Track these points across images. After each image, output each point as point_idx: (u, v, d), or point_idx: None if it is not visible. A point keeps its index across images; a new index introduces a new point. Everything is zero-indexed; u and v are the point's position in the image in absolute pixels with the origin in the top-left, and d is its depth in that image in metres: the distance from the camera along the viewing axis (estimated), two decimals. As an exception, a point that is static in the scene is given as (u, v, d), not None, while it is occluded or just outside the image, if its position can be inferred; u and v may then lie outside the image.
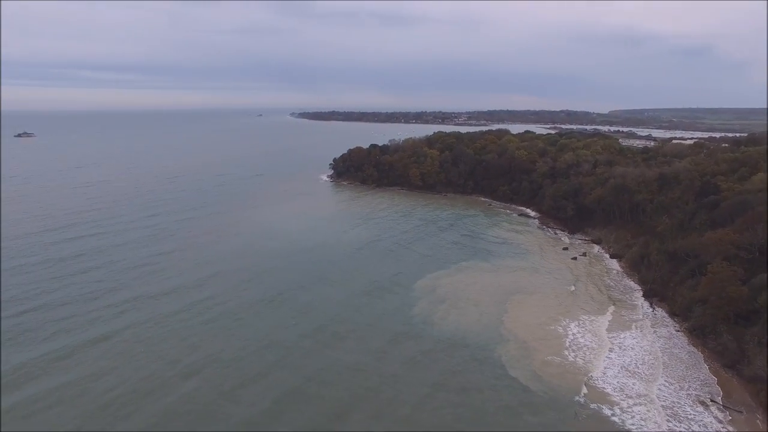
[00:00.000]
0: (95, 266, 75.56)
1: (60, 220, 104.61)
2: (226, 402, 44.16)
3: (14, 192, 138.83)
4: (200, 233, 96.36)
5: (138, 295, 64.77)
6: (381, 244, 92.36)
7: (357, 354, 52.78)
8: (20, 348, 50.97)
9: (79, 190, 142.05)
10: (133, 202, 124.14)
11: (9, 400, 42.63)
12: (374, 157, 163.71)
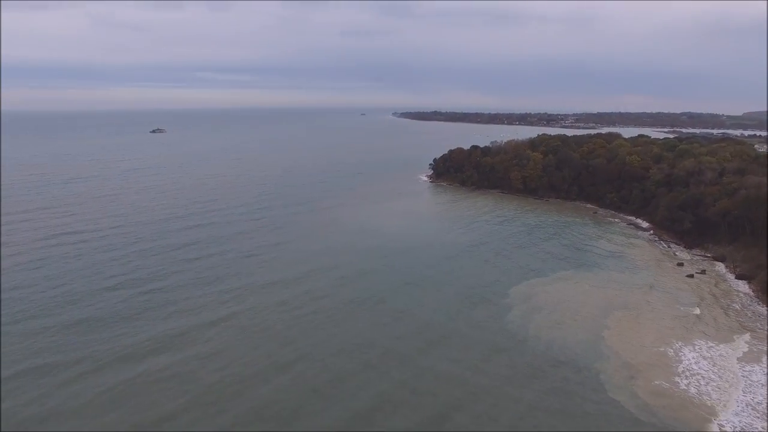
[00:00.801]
0: (209, 254, 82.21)
1: (183, 210, 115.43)
2: (316, 399, 45.25)
3: (148, 182, 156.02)
4: (304, 228, 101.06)
5: (244, 284, 69.41)
6: (480, 250, 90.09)
7: (450, 363, 51.65)
8: (144, 324, 56.83)
9: (200, 182, 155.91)
10: (245, 195, 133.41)
11: (133, 370, 47.66)
12: (475, 158, 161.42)
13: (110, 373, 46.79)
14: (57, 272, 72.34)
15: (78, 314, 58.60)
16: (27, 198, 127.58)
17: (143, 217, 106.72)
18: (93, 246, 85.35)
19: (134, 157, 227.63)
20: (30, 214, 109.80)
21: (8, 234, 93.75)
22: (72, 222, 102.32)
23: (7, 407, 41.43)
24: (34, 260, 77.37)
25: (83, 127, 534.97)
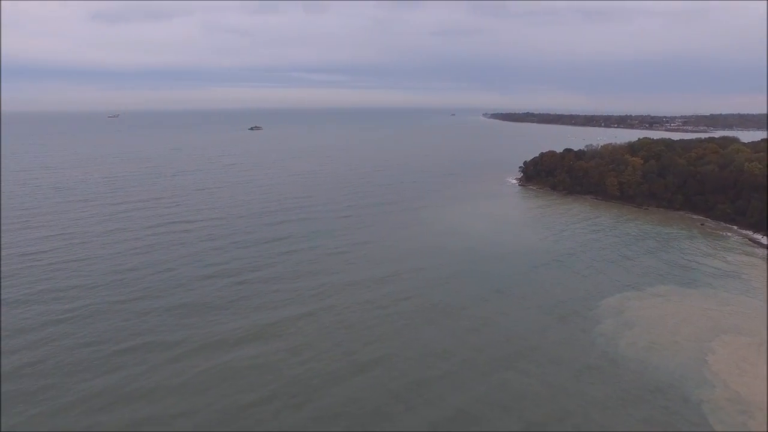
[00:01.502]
0: (298, 249, 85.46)
1: (276, 204, 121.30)
2: (394, 403, 45.04)
3: (245, 177, 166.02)
4: (393, 228, 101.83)
5: (331, 281, 71.25)
6: (571, 260, 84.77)
7: (534, 380, 49.08)
8: (235, 312, 60.22)
9: (293, 178, 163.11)
10: (335, 193, 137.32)
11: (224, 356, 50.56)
12: (568, 162, 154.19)
13: (204, 357, 50.13)
14: (164, 258, 78.85)
15: (179, 298, 63.46)
16: (142, 188, 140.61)
17: (239, 210, 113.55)
18: (195, 235, 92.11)
19: (233, 153, 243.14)
20: (144, 203, 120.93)
21: (126, 220, 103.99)
22: (178, 212, 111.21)
23: (119, 378, 45.82)
24: (146, 245, 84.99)
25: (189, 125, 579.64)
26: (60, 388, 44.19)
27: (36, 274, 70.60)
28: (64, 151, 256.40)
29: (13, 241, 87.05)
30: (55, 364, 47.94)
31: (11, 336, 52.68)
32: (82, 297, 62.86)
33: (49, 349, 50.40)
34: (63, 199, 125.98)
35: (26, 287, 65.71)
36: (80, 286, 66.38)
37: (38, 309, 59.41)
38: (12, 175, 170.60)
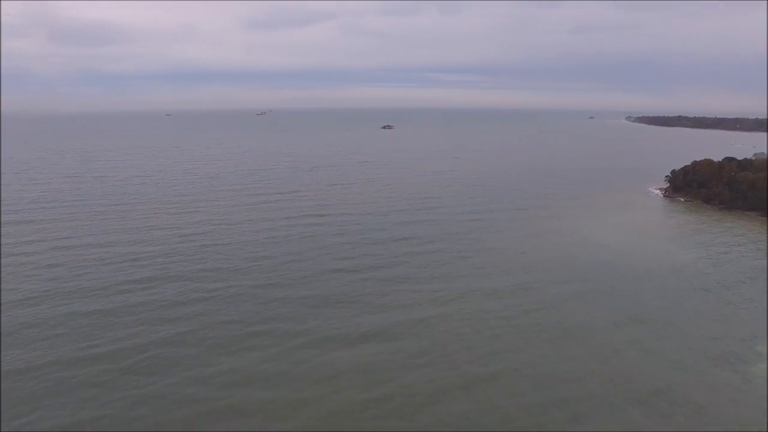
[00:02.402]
0: (424, 251, 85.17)
1: (404, 203, 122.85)
2: (503, 425, 42.01)
3: (375, 174, 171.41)
4: (522, 235, 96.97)
5: (456, 286, 69.50)
6: (733, 290, 71.96)
7: (672, 427, 42.29)
8: (359, 308, 61.75)
9: (421, 178, 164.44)
10: (463, 195, 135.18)
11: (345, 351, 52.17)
12: (728, 172, 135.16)
13: (325, 349, 52.07)
14: (296, 249, 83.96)
15: (308, 289, 66.90)
16: (281, 182, 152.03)
17: (368, 208, 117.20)
18: (326, 229, 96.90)
19: (365, 151, 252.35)
20: (282, 195, 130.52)
21: (266, 210, 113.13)
22: (312, 206, 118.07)
23: (250, 359, 49.48)
24: (281, 236, 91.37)
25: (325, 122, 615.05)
26: (201, 359, 48.81)
27: (190, 254, 79.50)
28: (221, 145, 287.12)
29: (175, 224, 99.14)
30: (199, 336, 53.06)
31: (169, 306, 59.63)
32: (224, 279, 69.23)
33: (196, 322, 56.06)
34: (215, 188, 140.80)
35: (183, 265, 74.13)
36: (223, 269, 73.17)
37: (192, 286, 66.50)
38: (179, 165, 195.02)
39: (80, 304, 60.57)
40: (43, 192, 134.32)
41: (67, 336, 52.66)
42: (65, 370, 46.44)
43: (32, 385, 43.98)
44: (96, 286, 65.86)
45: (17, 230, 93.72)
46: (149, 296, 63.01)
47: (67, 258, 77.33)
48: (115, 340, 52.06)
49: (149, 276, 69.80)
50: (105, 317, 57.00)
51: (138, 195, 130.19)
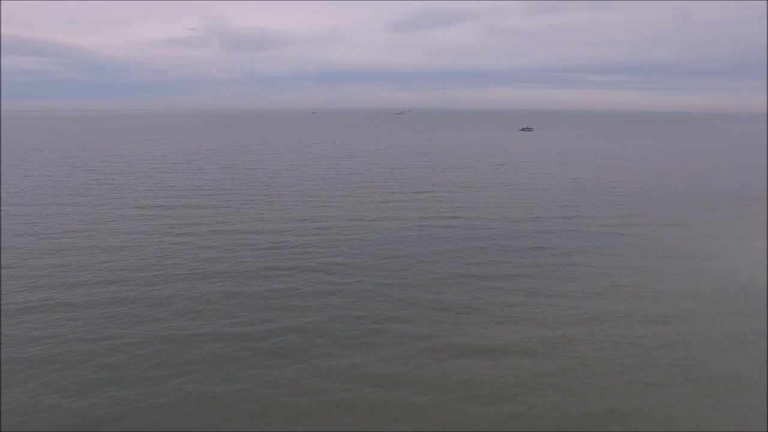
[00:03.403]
0: (557, 263, 79.87)
1: (539, 210, 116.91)
2: None
3: (510, 178, 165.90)
4: (675, 255, 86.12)
5: (593, 306, 64.43)
6: None
7: None
8: (485, 318, 59.91)
9: (560, 185, 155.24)
10: (608, 206, 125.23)
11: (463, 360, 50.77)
12: None
13: (447, 356, 50.93)
14: (426, 250, 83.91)
15: (435, 292, 66.29)
16: (415, 181, 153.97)
17: (501, 212, 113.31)
18: (456, 233, 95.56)
19: (501, 153, 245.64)
20: (417, 195, 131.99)
21: (398, 210, 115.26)
22: (445, 207, 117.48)
23: (371, 355, 50.24)
24: (413, 236, 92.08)
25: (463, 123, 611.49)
26: (326, 348, 50.66)
27: (326, 247, 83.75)
28: (360, 142, 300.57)
29: (314, 216, 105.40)
30: (328, 328, 55.16)
31: (302, 296, 63.21)
32: (354, 274, 71.50)
33: (325, 313, 58.52)
34: (352, 183, 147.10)
35: (318, 257, 78.28)
36: (355, 264, 75.63)
37: (324, 278, 69.77)
38: (321, 160, 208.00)
39: (229, 284, 66.63)
40: (206, 180, 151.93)
41: (217, 312, 58.11)
42: (213, 342, 51.07)
43: (190, 352, 48.93)
44: (242, 270, 72.06)
45: (185, 213, 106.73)
46: (286, 284, 67.24)
47: (220, 241, 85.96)
48: (254, 321, 56.13)
49: (288, 265, 74.55)
50: (248, 299, 61.93)
51: (283, 186, 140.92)
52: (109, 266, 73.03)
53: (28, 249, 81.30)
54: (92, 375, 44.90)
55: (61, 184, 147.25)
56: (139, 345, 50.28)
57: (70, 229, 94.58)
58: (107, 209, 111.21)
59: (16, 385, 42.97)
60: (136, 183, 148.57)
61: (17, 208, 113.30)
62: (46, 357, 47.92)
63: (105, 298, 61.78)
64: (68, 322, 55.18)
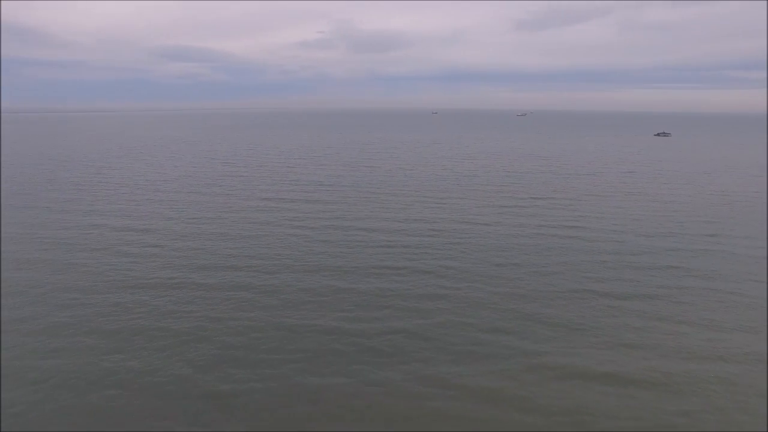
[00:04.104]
0: (696, 287, 71.39)
1: (675, 227, 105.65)
2: None
3: (640, 188, 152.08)
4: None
5: (737, 341, 56.82)
6: None
7: None
8: (601, 340, 55.21)
9: (708, 197, 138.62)
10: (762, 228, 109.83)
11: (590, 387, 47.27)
12: None
13: (558, 377, 47.71)
14: (543, 260, 79.66)
15: (548, 307, 62.57)
16: (536, 186, 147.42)
17: (629, 225, 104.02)
18: (577, 244, 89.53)
19: (632, 160, 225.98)
20: (536, 201, 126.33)
21: (515, 216, 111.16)
22: (564, 216, 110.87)
23: (475, 366, 48.68)
24: (529, 244, 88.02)
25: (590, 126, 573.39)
26: (431, 352, 50.08)
27: (438, 249, 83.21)
28: (479, 144, 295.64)
29: (427, 217, 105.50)
30: (433, 332, 54.58)
31: (412, 297, 63.37)
32: (466, 279, 70.05)
33: (432, 317, 57.98)
34: (468, 186, 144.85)
35: (430, 259, 78.02)
36: (466, 269, 74.11)
37: (435, 281, 69.27)
38: (438, 160, 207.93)
39: (341, 279, 68.86)
40: (327, 176, 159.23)
41: (328, 305, 60.31)
42: (322, 334, 53.02)
43: (300, 342, 51.31)
44: (354, 266, 74.06)
45: (305, 207, 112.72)
46: (396, 283, 67.83)
47: (336, 237, 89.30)
48: (362, 318, 57.29)
49: (399, 265, 75.19)
50: (358, 295, 63.44)
51: (399, 185, 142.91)
52: (235, 253, 79.30)
53: (174, 232, 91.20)
54: (215, 351, 48.92)
55: (203, 174, 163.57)
56: (256, 329, 53.80)
57: (207, 216, 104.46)
58: (237, 199, 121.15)
59: (155, 352, 48.22)
60: (263, 176, 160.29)
61: (168, 194, 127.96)
62: (179, 330, 53.20)
63: (229, 281, 67.16)
64: (198, 300, 60.81)
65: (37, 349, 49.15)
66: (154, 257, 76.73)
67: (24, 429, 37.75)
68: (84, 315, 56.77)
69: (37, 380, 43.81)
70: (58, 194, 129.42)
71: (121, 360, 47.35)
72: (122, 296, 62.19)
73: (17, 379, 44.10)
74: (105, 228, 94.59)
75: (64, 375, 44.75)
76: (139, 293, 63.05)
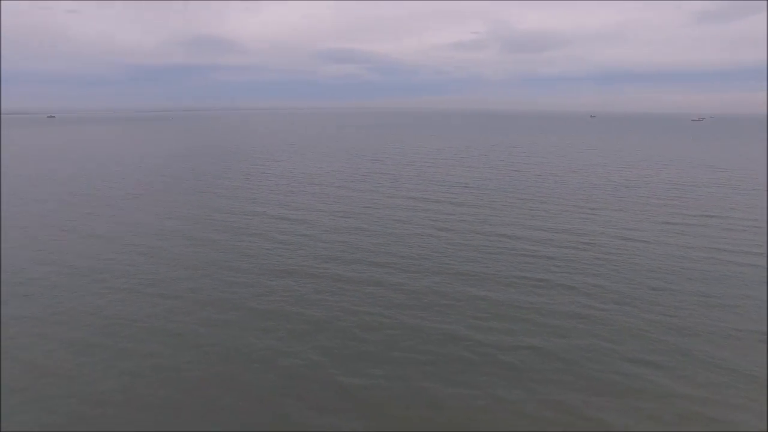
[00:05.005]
0: None
1: None
2: None
3: None
4: None
5: None
6: None
7: None
8: None
9: None
10: None
11: None
12: None
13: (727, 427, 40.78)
14: (711, 291, 69.09)
15: (714, 346, 54.05)
16: (709, 203, 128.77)
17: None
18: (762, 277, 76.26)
19: None
20: (709, 219, 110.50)
21: (680, 235, 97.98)
22: (749, 240, 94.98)
23: (613, 405, 43.75)
24: (696, 269, 77.02)
25: None
26: (567, 376, 46.26)
27: (587, 264, 76.92)
28: (641, 152, 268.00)
29: (577, 229, 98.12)
30: (572, 355, 50.44)
31: (554, 315, 59.42)
32: (617, 301, 63.66)
33: (574, 338, 53.64)
34: (625, 197, 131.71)
35: (578, 276, 72.47)
36: (616, 290, 67.37)
37: (582, 300, 64.13)
38: (592, 168, 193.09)
39: (478, 286, 67.13)
40: (473, 178, 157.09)
41: (462, 312, 59.19)
42: (454, 341, 52.11)
43: (431, 345, 51.09)
44: (493, 273, 71.74)
45: (448, 209, 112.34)
46: (536, 297, 64.26)
47: (477, 242, 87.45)
48: (496, 329, 55.19)
49: (542, 277, 71.13)
50: (494, 305, 61.29)
51: (547, 193, 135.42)
52: (376, 249, 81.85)
53: (323, 223, 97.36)
54: (348, 342, 50.85)
55: (353, 170, 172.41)
56: (388, 326, 54.79)
57: (353, 210, 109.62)
58: (383, 197, 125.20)
59: (294, 335, 51.73)
60: (410, 175, 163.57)
61: (320, 188, 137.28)
62: (318, 318, 56.38)
63: (368, 277, 69.43)
64: (339, 292, 63.86)
65: (206, 319, 55.81)
66: (303, 246, 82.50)
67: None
68: (241, 294, 63.12)
69: (201, 344, 49.73)
70: (230, 182, 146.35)
71: (264, 338, 51.59)
72: (272, 279, 67.89)
73: (193, 344, 50.44)
74: (264, 216, 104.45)
75: (222, 346, 50.15)
76: (287, 278, 68.24)
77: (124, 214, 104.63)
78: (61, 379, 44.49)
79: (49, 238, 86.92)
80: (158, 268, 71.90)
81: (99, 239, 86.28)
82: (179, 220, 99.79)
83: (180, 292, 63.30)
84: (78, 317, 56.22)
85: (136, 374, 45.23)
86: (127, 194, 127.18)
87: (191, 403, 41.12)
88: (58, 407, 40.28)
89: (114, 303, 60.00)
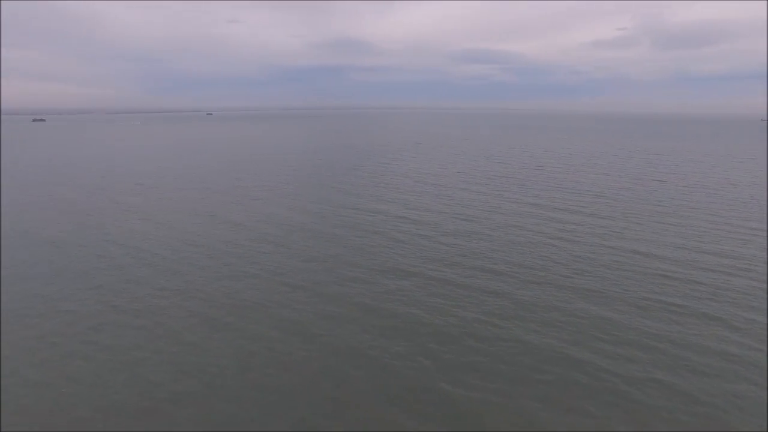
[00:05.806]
0: None
1: None
2: None
3: None
4: None
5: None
6: None
7: None
8: None
9: None
10: None
11: None
12: None
13: None
14: None
15: None
16: None
17: None
18: None
19: None
20: None
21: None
22: None
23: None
24: None
25: None
26: (709, 420, 40.98)
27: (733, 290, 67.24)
28: None
29: (729, 251, 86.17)
30: (709, 398, 44.65)
31: (685, 346, 53.05)
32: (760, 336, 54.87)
33: (714, 379, 47.36)
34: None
35: (720, 303, 63.92)
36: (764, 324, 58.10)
37: (721, 332, 56.53)
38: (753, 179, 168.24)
39: (601, 305, 62.14)
40: (607, 188, 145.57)
41: (581, 331, 55.23)
42: (572, 364, 48.88)
43: (543, 364, 48.50)
44: (618, 293, 65.85)
45: (578, 219, 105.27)
46: (668, 323, 57.70)
47: (605, 257, 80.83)
48: (621, 356, 50.67)
49: (679, 303, 63.68)
50: (620, 329, 56.31)
51: (695, 206, 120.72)
52: (495, 256, 79.49)
53: (442, 226, 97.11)
54: (461, 352, 50.03)
55: (478, 172, 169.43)
56: (501, 338, 52.88)
57: (475, 214, 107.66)
58: (507, 202, 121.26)
59: (404, 337, 52.19)
60: (538, 180, 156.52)
61: (443, 189, 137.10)
62: (428, 322, 56.26)
63: (484, 285, 67.66)
64: (453, 297, 63.14)
65: (323, 311, 58.73)
66: (422, 248, 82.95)
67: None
68: (358, 289, 65.29)
69: (315, 335, 52.39)
70: (357, 179, 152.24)
71: (375, 336, 52.71)
72: (388, 278, 69.22)
73: (308, 334, 53.48)
74: (386, 214, 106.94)
75: (335, 338, 52.32)
76: (403, 279, 69.11)
77: (260, 206, 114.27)
78: (196, 348, 49.82)
79: (196, 222, 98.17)
80: (285, 259, 77.21)
81: (238, 227, 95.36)
82: (307, 215, 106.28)
83: (302, 282, 67.28)
84: (213, 296, 62.54)
85: (254, 354, 48.99)
86: (264, 186, 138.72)
87: (300, 392, 43.45)
88: (190, 371, 45.13)
89: (246, 287, 65.69)
